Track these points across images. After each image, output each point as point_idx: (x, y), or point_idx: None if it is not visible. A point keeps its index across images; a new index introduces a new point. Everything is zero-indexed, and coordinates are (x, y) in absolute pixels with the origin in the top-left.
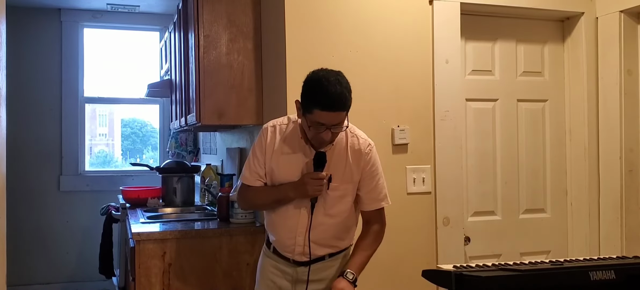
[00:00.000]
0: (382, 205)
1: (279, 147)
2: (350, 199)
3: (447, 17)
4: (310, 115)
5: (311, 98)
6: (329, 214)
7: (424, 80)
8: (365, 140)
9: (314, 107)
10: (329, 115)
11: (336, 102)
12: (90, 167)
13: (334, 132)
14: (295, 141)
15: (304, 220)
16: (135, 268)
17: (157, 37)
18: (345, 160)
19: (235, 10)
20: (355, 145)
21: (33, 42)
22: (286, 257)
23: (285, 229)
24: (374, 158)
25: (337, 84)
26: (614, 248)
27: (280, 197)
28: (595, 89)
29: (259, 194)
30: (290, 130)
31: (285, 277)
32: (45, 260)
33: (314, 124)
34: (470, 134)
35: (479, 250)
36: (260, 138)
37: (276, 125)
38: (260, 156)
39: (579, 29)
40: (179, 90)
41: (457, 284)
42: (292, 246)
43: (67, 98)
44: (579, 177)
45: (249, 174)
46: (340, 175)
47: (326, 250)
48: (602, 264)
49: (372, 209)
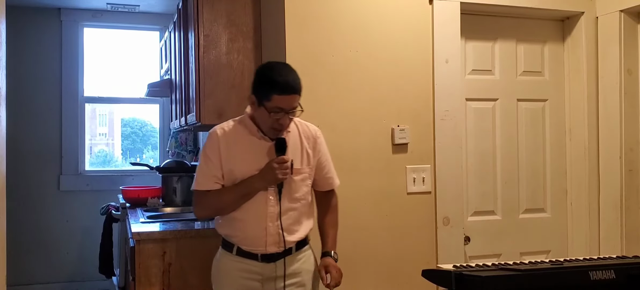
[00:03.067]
0: (337, 184)
1: (232, 147)
2: (310, 182)
3: (447, 16)
4: (269, 102)
5: (269, 85)
6: (295, 198)
7: (424, 80)
8: (314, 126)
9: (273, 93)
10: (287, 98)
11: (293, 85)
12: (90, 166)
13: (290, 117)
14: (247, 138)
15: (273, 208)
16: (135, 268)
17: (157, 37)
18: (301, 145)
19: (235, 10)
20: (306, 131)
21: (33, 42)
22: (254, 254)
23: (254, 222)
24: (324, 142)
25: (290, 71)
26: (614, 248)
27: (247, 190)
28: (595, 89)
29: (222, 195)
30: (239, 129)
31: (254, 278)
32: (45, 260)
33: (274, 109)
34: (470, 134)
35: (479, 250)
36: (210, 142)
37: (223, 128)
38: (215, 159)
39: (579, 28)
40: (178, 90)
41: (457, 283)
42: (263, 237)
43: (67, 98)
44: (579, 176)
45: (204, 179)
46: (299, 160)
47: (294, 237)
48: (602, 264)
49: (330, 189)
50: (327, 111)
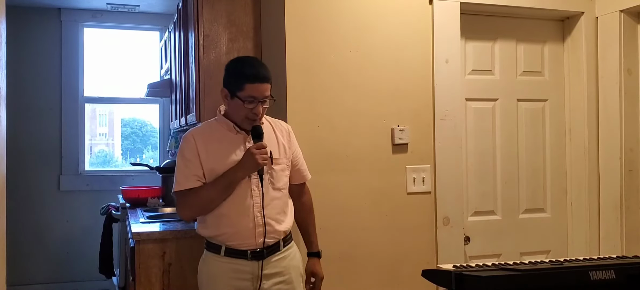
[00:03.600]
0: (308, 177)
1: (209, 145)
2: (288, 172)
3: (447, 17)
4: (242, 92)
5: (240, 75)
6: (276, 188)
7: (424, 80)
8: (284, 122)
9: (245, 82)
10: (259, 87)
11: (263, 74)
12: (90, 166)
13: (264, 106)
14: (224, 133)
15: (258, 198)
16: (135, 268)
17: (157, 37)
18: (276, 138)
19: (235, 10)
20: (279, 125)
21: (33, 42)
22: (243, 252)
23: (241, 214)
24: (294, 136)
25: (258, 62)
26: (614, 248)
27: (229, 180)
28: (595, 89)
29: (205, 191)
30: (213, 128)
31: (244, 277)
32: (45, 260)
33: (247, 99)
34: (470, 134)
35: (479, 250)
36: (186, 145)
37: (197, 129)
38: (194, 159)
39: (579, 28)
40: (178, 90)
41: (457, 283)
42: (252, 229)
43: (67, 98)
44: (579, 177)
45: (185, 179)
46: (277, 151)
47: (281, 227)
48: (602, 264)
49: (302, 182)
50: (327, 111)
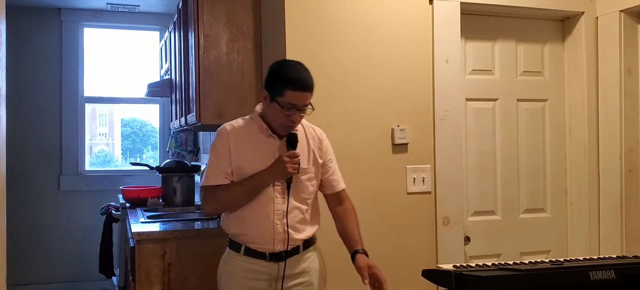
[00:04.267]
0: (342, 186)
1: (242, 143)
2: (316, 182)
3: (447, 16)
4: (282, 97)
5: (283, 81)
6: (301, 197)
7: (424, 80)
8: (319, 129)
9: (286, 88)
10: (300, 95)
11: (306, 82)
12: (90, 166)
13: (302, 115)
14: (256, 134)
15: (280, 205)
16: (135, 268)
17: (157, 37)
18: (307, 145)
19: (235, 10)
20: (312, 132)
21: (33, 42)
22: (262, 253)
23: (262, 219)
24: (329, 144)
25: (303, 68)
26: (614, 248)
27: (256, 184)
28: (595, 89)
29: (231, 189)
30: (248, 126)
31: (262, 278)
32: (45, 260)
33: (286, 105)
34: (470, 134)
35: (479, 250)
36: (220, 138)
37: (233, 124)
38: (225, 154)
39: (579, 28)
40: (178, 90)
41: (457, 283)
42: (271, 235)
43: (67, 98)
44: (579, 177)
45: (214, 175)
46: (306, 159)
47: (301, 236)
48: (602, 264)
49: (339, 190)
50: (327, 111)
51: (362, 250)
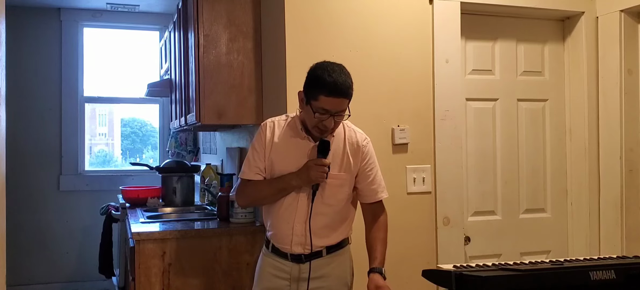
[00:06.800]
0: (382, 197)
1: (279, 140)
2: (348, 190)
3: (447, 16)
4: (316, 102)
5: (318, 84)
6: (326, 203)
7: (424, 80)
8: (362, 134)
9: (320, 93)
10: (334, 101)
11: (341, 88)
12: (90, 166)
13: (336, 120)
14: (294, 134)
15: (303, 209)
16: (135, 268)
17: (157, 37)
18: (343, 151)
19: (235, 10)
20: (352, 137)
21: (33, 42)
22: (284, 253)
23: (283, 220)
24: (371, 151)
25: (341, 72)
26: (614, 248)
27: (283, 186)
28: (596, 89)
29: (260, 186)
30: (289, 124)
31: (283, 277)
32: (45, 260)
33: (319, 110)
34: (470, 134)
35: (479, 250)
36: (260, 133)
37: (275, 121)
38: (260, 150)
39: (579, 28)
40: (178, 90)
41: (457, 283)
42: (289, 237)
43: (67, 98)
44: (579, 177)
45: (248, 169)
46: (338, 165)
47: (323, 242)
48: (602, 264)
49: (373, 201)
50: None
51: (378, 269)
